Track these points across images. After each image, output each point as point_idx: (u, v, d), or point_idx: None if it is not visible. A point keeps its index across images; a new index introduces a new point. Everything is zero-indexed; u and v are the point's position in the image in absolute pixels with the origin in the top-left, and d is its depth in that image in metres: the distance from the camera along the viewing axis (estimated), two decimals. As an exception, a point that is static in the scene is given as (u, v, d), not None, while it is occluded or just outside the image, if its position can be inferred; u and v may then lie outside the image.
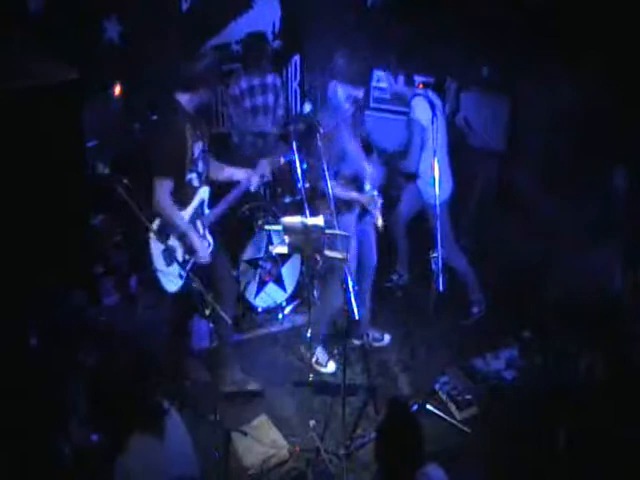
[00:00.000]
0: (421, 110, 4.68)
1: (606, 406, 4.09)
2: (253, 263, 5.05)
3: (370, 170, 4.40)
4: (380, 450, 2.90)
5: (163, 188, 3.86)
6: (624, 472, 3.74)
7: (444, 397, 4.46)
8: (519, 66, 5.53)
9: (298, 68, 6.16)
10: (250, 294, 5.11)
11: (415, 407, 4.28)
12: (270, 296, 5.18)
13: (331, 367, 4.75)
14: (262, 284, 5.14)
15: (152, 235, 3.84)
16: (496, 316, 5.07)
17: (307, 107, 4.21)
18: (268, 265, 5.08)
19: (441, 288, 4.06)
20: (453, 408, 4.39)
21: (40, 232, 3.99)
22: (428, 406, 4.32)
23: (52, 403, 3.84)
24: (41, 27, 4.52)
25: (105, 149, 4.71)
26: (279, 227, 3.77)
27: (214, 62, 3.97)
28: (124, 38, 5.04)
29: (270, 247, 4.98)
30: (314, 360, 4.70)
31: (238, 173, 4.23)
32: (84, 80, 3.93)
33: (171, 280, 3.98)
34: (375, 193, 4.42)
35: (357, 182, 4.45)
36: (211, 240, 4.19)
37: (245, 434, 4.10)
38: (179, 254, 4.01)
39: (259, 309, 5.18)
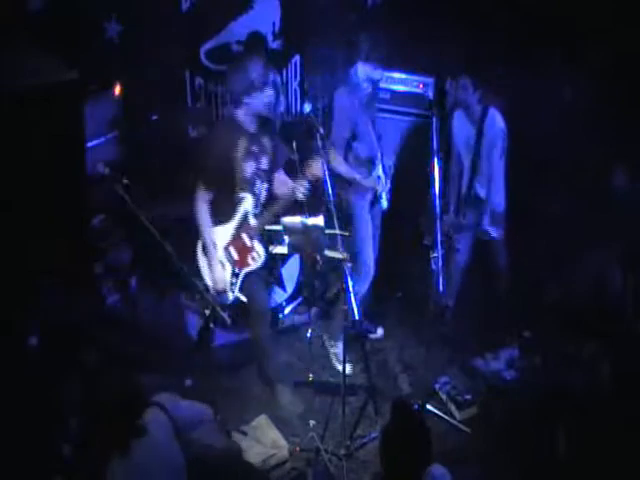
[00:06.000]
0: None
1: (606, 406, 4.09)
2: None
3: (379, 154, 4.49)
4: (386, 451, 2.88)
5: (200, 200, 3.98)
6: (624, 472, 3.75)
7: (444, 397, 4.46)
8: (519, 66, 5.52)
9: (298, 68, 6.15)
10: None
11: (415, 407, 4.28)
12: (270, 296, 5.17)
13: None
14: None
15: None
16: (496, 316, 5.06)
17: (307, 107, 4.20)
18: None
19: (441, 288, 4.06)
20: (453, 408, 4.39)
21: (40, 232, 3.99)
22: (428, 406, 4.32)
23: (52, 403, 3.84)
24: (41, 27, 4.51)
25: (105, 149, 4.71)
26: (279, 227, 3.76)
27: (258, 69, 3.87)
28: (124, 38, 5.03)
29: (270, 247, 4.97)
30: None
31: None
32: (84, 80, 3.92)
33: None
34: (381, 175, 4.50)
35: (369, 165, 4.51)
36: (262, 251, 4.20)
37: (245, 434, 4.10)
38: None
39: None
